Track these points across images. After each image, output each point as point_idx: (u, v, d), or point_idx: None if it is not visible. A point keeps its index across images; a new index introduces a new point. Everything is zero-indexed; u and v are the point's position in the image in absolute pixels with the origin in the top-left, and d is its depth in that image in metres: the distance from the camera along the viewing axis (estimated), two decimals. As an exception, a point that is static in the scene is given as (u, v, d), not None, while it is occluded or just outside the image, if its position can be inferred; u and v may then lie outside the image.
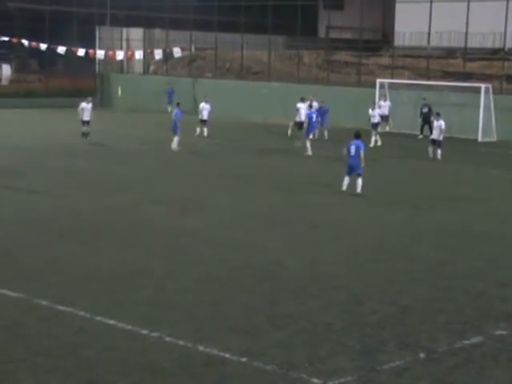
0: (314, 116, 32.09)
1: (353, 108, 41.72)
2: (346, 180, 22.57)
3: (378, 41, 57.98)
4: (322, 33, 61.12)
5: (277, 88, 47.37)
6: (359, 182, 22.31)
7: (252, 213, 20.13)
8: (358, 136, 22.54)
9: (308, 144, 30.89)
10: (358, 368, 10.19)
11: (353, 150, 22.26)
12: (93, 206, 20.41)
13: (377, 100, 40.49)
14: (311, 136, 31.63)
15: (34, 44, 51.62)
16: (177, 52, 52.19)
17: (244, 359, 10.35)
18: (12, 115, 44.82)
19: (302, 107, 35.48)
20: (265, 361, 10.30)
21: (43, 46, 51.11)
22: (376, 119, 36.33)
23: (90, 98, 33.90)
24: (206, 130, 36.23)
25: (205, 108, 36.71)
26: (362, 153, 22.11)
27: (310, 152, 30.75)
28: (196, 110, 48.85)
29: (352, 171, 22.43)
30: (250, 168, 28.10)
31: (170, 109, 47.95)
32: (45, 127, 35.18)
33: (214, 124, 37.35)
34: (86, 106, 33.20)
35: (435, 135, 30.49)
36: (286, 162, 29.75)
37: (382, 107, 40.40)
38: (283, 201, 21.83)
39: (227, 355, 10.46)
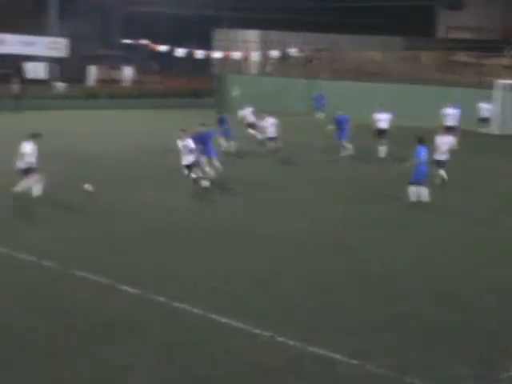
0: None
1: (473, 110, 40.79)
2: (414, 189, 20.96)
3: (498, 41, 56.64)
4: (439, 33, 60.20)
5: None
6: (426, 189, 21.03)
7: (347, 217, 19.95)
8: (423, 141, 21.20)
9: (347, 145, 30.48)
10: (476, 376, 9.96)
11: (424, 156, 20.97)
12: (204, 206, 20.79)
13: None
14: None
15: (154, 46, 52.91)
16: (293, 53, 52.45)
17: (355, 361, 10.36)
18: (134, 115, 46.02)
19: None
20: (376, 363, 10.28)
21: (163, 48, 52.32)
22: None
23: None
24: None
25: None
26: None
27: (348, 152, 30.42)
28: (311, 112, 48.94)
29: (423, 179, 21.06)
30: (340, 171, 27.87)
31: (323, 116, 46.01)
32: (169, 127, 35.69)
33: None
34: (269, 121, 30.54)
35: (442, 155, 23.58)
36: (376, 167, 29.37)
37: (482, 109, 39.76)
38: (374, 205, 21.53)
39: (338, 356, 10.49)
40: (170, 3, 57.81)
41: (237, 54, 53.42)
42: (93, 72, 55.11)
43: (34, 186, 20.29)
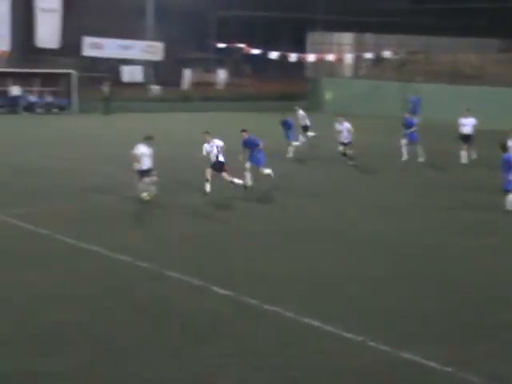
0: None
1: None
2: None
3: None
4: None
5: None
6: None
7: (438, 223, 19.57)
8: (505, 149, 20.64)
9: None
10: None
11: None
12: (292, 209, 20.83)
13: None
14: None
15: (248, 49, 53.30)
16: (387, 55, 52.09)
17: (449, 369, 10.19)
18: (227, 118, 46.43)
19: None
20: (471, 372, 10.08)
21: (257, 51, 52.62)
22: None
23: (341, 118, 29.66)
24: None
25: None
26: None
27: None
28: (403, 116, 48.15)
29: None
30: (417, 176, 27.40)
31: (419, 120, 45.58)
32: (262, 130, 35.76)
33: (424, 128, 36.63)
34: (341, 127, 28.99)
35: None
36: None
37: None
38: (462, 211, 21.12)
39: (432, 364, 10.34)
40: (264, 6, 58.10)
41: (330, 57, 53.32)
42: (187, 75, 55.86)
43: (149, 187, 20.59)
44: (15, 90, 47.26)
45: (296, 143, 30.71)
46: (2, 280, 13.78)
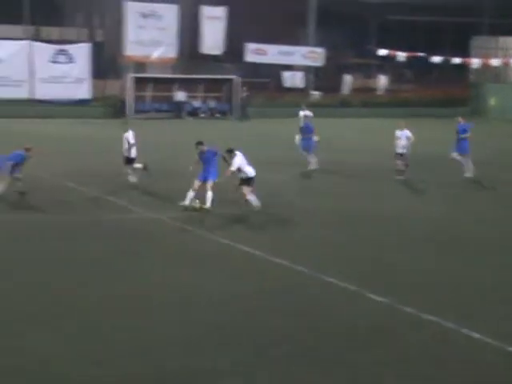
0: None
1: None
2: None
3: None
4: None
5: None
6: None
7: None
8: None
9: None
10: None
11: None
12: (443, 214, 20.37)
13: None
14: None
15: (409, 54, 52.60)
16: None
17: None
18: (385, 124, 45.99)
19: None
20: None
21: (419, 55, 51.83)
22: None
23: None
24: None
25: None
26: None
27: None
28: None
29: None
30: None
31: None
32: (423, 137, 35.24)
33: None
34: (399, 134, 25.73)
35: None
36: None
37: None
38: None
39: None
40: (426, 10, 57.19)
41: (496, 62, 51.78)
42: (348, 81, 55.76)
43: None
44: (180, 96, 48.76)
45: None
46: (159, 280, 14.13)
